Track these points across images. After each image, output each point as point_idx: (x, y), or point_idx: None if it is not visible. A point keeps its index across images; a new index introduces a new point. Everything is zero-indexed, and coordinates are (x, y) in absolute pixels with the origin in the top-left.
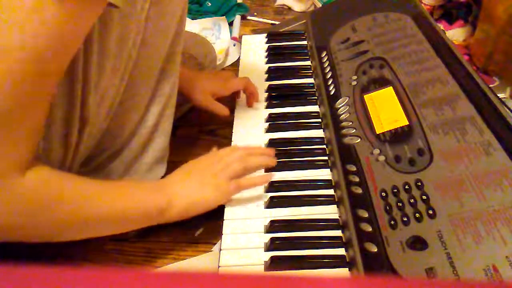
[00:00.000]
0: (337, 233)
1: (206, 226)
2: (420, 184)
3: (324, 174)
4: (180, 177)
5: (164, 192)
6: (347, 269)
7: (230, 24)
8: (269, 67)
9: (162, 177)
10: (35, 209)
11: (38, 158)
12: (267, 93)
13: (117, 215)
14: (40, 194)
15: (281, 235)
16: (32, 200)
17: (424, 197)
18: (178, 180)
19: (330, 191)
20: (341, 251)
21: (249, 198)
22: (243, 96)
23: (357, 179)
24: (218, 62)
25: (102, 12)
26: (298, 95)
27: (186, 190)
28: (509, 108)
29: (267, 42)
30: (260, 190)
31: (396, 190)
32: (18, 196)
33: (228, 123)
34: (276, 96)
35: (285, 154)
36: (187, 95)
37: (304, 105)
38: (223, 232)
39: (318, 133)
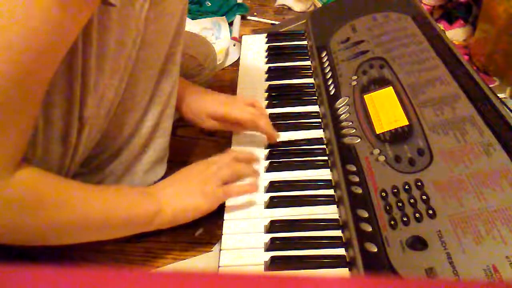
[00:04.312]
0: (337, 233)
1: (206, 226)
2: (420, 184)
3: (324, 174)
4: (169, 185)
5: (153, 199)
6: (347, 269)
7: (230, 24)
8: (269, 67)
9: (162, 177)
10: (21, 211)
11: (26, 159)
12: (267, 93)
13: (106, 220)
14: (28, 195)
15: (281, 235)
16: (19, 202)
17: (424, 197)
18: (168, 187)
19: (330, 191)
20: (341, 251)
21: (249, 198)
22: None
23: (357, 179)
24: (218, 62)
25: (101, 13)
26: (298, 95)
27: (175, 197)
28: (509, 108)
29: (267, 42)
30: (260, 190)
31: (396, 190)
32: (5, 197)
33: None
34: (276, 96)
35: (285, 154)
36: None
37: (304, 105)
38: (223, 232)
39: (318, 133)
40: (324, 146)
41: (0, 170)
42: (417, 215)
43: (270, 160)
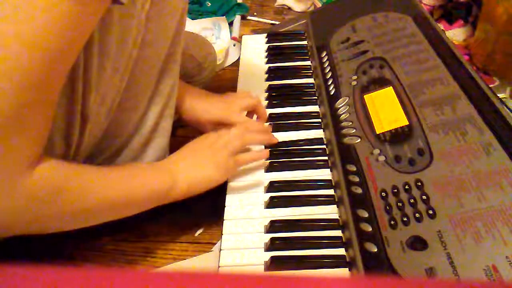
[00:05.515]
0: (337, 233)
1: (206, 226)
2: (420, 184)
3: (324, 174)
4: (181, 158)
5: (167, 172)
6: (347, 269)
7: (230, 24)
8: (269, 67)
9: None
10: (45, 204)
11: (45, 152)
12: (267, 93)
13: (125, 199)
14: (51, 188)
15: (281, 235)
16: (43, 195)
17: (424, 197)
18: (180, 160)
19: (330, 191)
20: (341, 251)
21: (249, 198)
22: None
23: (357, 179)
24: (218, 62)
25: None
26: (298, 95)
27: (189, 169)
28: (509, 108)
29: (267, 42)
30: (260, 190)
31: (396, 190)
32: (29, 192)
33: None
34: (276, 96)
35: (285, 154)
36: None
37: (304, 105)
38: (223, 232)
39: (318, 133)
40: (324, 146)
41: (22, 167)
42: (417, 215)
43: (270, 160)
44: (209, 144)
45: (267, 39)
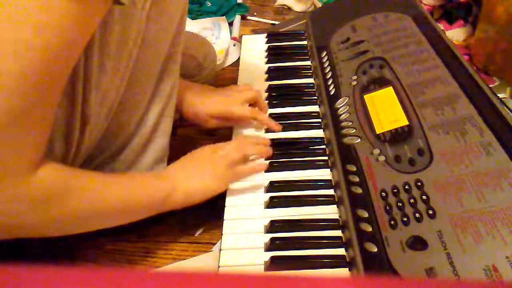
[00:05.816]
0: (337, 233)
1: (206, 226)
2: (420, 184)
3: (324, 174)
4: (180, 167)
5: (165, 180)
6: (347, 269)
7: (230, 24)
8: (269, 67)
9: None
10: (47, 206)
11: (46, 155)
12: (267, 93)
13: (125, 206)
14: (52, 191)
15: (281, 235)
16: (44, 197)
17: (424, 197)
18: (179, 169)
19: (330, 191)
20: (341, 251)
21: (249, 198)
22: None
23: (357, 179)
24: (218, 62)
25: None
26: (298, 95)
27: (187, 178)
28: (509, 108)
29: (267, 42)
30: (260, 190)
31: (396, 190)
32: (31, 194)
33: None
34: (276, 96)
35: (285, 154)
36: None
37: (304, 105)
38: (223, 232)
39: (318, 133)
40: (324, 146)
41: (23, 170)
42: (417, 215)
43: (270, 160)
44: (208, 155)
45: (267, 39)
